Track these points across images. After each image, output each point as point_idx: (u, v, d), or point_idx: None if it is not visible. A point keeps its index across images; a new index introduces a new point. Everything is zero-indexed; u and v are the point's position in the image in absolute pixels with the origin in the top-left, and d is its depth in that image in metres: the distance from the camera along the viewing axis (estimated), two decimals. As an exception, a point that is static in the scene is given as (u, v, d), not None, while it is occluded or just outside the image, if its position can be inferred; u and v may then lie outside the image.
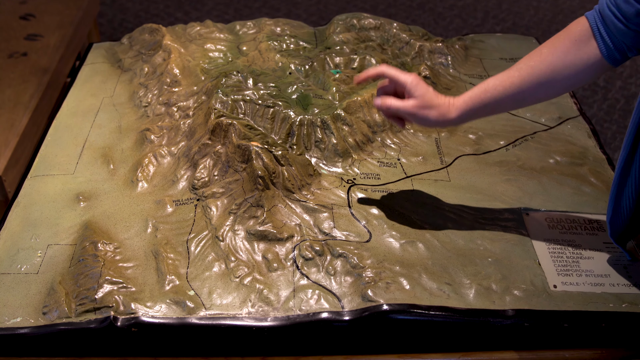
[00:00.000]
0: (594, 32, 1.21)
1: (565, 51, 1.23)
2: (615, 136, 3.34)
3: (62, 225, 1.45)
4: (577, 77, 1.25)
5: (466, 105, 1.29)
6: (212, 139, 1.56)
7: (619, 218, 1.27)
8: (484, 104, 1.28)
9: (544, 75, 1.25)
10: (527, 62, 1.27)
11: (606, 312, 1.27)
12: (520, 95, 1.27)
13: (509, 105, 1.30)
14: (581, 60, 1.23)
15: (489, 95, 1.28)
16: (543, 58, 1.25)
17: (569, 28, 1.26)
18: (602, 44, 1.20)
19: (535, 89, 1.26)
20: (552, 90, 1.27)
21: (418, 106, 1.29)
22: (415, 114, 1.30)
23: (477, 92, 1.29)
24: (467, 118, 1.30)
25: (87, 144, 1.70)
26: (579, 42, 1.23)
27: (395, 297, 1.27)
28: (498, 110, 1.31)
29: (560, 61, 1.24)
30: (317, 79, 1.80)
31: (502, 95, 1.27)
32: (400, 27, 2.10)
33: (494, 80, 1.28)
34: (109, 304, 1.25)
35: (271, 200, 1.45)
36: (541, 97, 1.29)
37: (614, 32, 1.18)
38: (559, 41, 1.25)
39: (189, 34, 2.14)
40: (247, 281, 1.31)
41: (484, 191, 1.54)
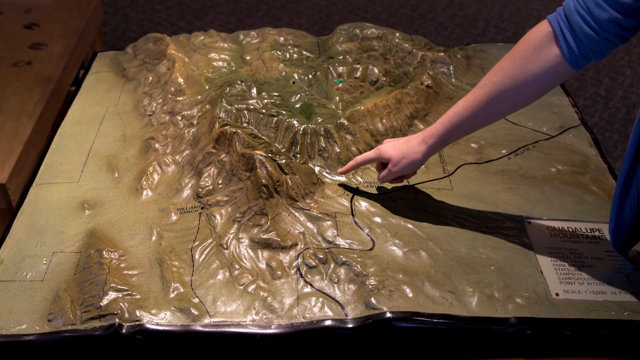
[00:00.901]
0: (557, 36, 1.21)
1: (526, 61, 1.24)
2: (616, 145, 3.35)
3: (67, 233, 1.46)
4: (540, 85, 1.26)
5: (438, 132, 1.38)
6: (216, 147, 1.57)
7: (622, 229, 1.27)
8: (457, 126, 1.35)
9: (508, 88, 1.27)
10: (490, 79, 1.29)
11: (608, 320, 1.27)
12: (489, 110, 1.31)
13: (482, 122, 1.35)
14: (543, 67, 1.23)
15: (460, 117, 1.34)
16: (505, 72, 1.27)
17: (528, 37, 1.26)
18: (566, 48, 1.20)
19: (502, 103, 1.29)
20: (519, 100, 1.30)
21: (393, 165, 1.44)
22: (396, 172, 1.45)
23: (449, 116, 1.36)
24: (442, 144, 1.40)
25: (92, 153, 1.71)
26: (539, 50, 1.23)
27: (398, 305, 1.28)
28: (472, 128, 1.37)
29: (521, 73, 1.25)
30: (321, 88, 1.81)
31: (472, 115, 1.33)
32: (402, 37, 2.11)
33: (462, 102, 1.34)
34: (114, 311, 1.26)
35: (275, 209, 1.46)
36: (512, 108, 1.32)
37: (580, 37, 1.18)
38: (518, 52, 1.26)
39: (192, 43, 2.16)
40: (251, 289, 1.32)
41: (486, 200, 1.55)
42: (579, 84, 3.84)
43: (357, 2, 4.71)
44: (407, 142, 1.43)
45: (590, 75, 3.93)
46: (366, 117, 1.70)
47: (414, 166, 1.43)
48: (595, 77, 3.91)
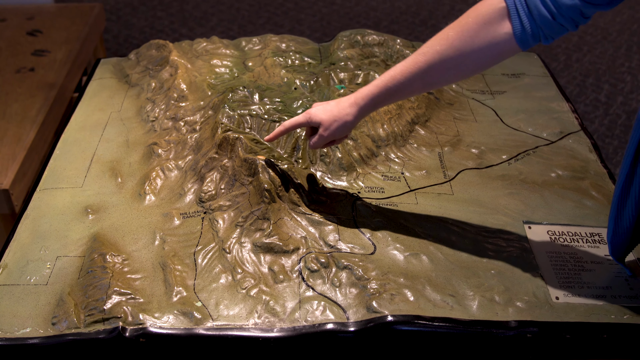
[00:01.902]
0: (511, 13, 1.18)
1: (473, 34, 1.21)
2: (616, 151, 3.35)
3: (71, 238, 1.47)
4: (485, 60, 1.23)
5: (371, 94, 1.33)
6: (219, 152, 1.58)
7: (619, 236, 1.27)
8: (392, 90, 1.30)
9: (451, 59, 1.24)
10: (434, 47, 1.25)
11: (608, 324, 1.28)
12: (428, 79, 1.27)
13: (418, 90, 1.32)
14: (490, 43, 1.20)
15: (396, 82, 1.29)
16: (450, 42, 1.23)
17: (478, 9, 1.22)
18: (519, 27, 1.18)
19: (443, 73, 1.26)
20: (460, 73, 1.27)
21: (324, 129, 1.39)
22: (328, 135, 1.39)
23: (384, 79, 1.31)
24: (373, 107, 1.35)
25: (95, 158, 1.72)
26: (488, 24, 1.20)
27: (399, 309, 1.28)
28: (407, 94, 1.32)
29: (467, 45, 1.22)
30: (322, 94, 1.82)
31: (409, 80, 1.28)
32: (403, 44, 2.13)
33: (400, 66, 1.29)
34: (117, 314, 1.27)
35: (277, 213, 1.47)
36: (450, 79, 1.29)
37: (535, 19, 1.16)
38: (467, 24, 1.22)
39: (195, 49, 2.17)
40: (254, 293, 1.33)
41: (486, 204, 1.56)
42: (580, 90, 3.86)
43: (359, 9, 4.73)
44: (337, 105, 1.38)
45: (591, 81, 3.94)
46: (367, 123, 1.71)
47: (346, 129, 1.38)
48: (595, 83, 3.92)
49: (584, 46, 4.31)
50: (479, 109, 1.93)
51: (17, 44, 2.79)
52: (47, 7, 3.14)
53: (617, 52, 4.25)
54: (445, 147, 1.75)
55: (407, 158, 1.70)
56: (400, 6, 4.77)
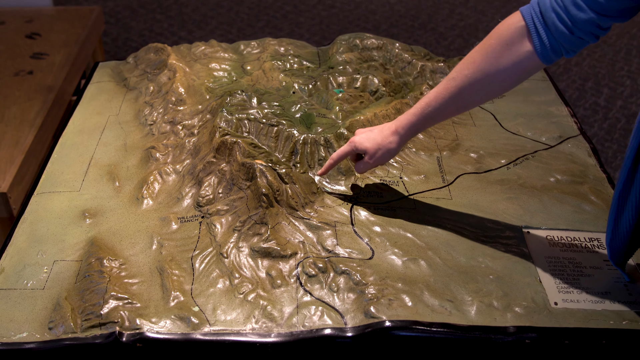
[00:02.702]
0: (530, 30, 1.21)
1: (498, 56, 1.25)
2: (615, 155, 3.35)
3: (68, 242, 1.47)
4: (512, 79, 1.28)
5: (410, 123, 1.41)
6: (216, 157, 1.58)
7: (619, 241, 1.27)
8: (428, 117, 1.39)
9: (479, 81, 1.29)
10: (462, 71, 1.31)
11: (607, 330, 1.28)
12: (460, 102, 1.34)
13: (452, 113, 1.39)
14: (514, 62, 1.24)
15: (432, 108, 1.37)
16: (476, 66, 1.28)
17: (499, 30, 1.26)
18: (539, 44, 1.21)
19: (472, 95, 1.32)
20: (490, 93, 1.32)
21: (370, 157, 1.48)
22: (374, 162, 1.48)
23: (420, 107, 1.39)
24: (414, 133, 1.44)
25: (93, 162, 1.71)
26: (510, 44, 1.24)
27: (397, 314, 1.28)
28: (443, 118, 1.41)
29: (493, 67, 1.26)
30: (321, 98, 1.82)
31: (443, 106, 1.35)
32: (402, 47, 2.12)
33: (434, 93, 1.36)
34: (114, 319, 1.26)
35: (275, 218, 1.46)
36: (482, 100, 1.35)
37: (554, 34, 1.19)
38: (490, 46, 1.26)
39: (193, 53, 2.17)
40: (251, 297, 1.32)
41: (485, 209, 1.56)
42: (579, 94, 3.86)
43: (358, 13, 4.73)
44: (380, 133, 1.46)
45: (590, 85, 3.94)
46: (366, 127, 1.70)
47: (390, 156, 1.47)
48: (595, 87, 3.92)
49: (583, 50, 4.31)
50: (478, 113, 1.93)
51: (16, 46, 2.79)
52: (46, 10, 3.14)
53: (616, 56, 4.25)
54: (444, 151, 1.75)
55: (406, 162, 1.70)
56: (399, 10, 4.77)
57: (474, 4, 4.89)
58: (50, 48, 2.79)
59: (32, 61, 2.68)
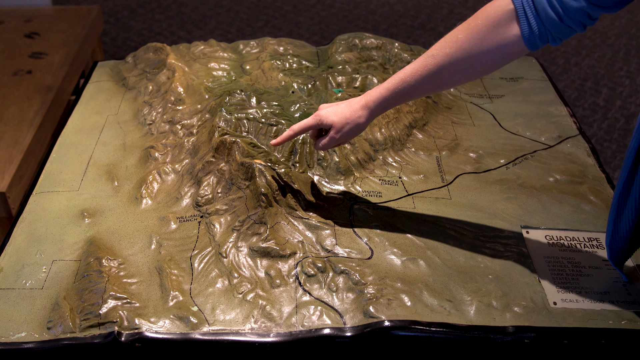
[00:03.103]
0: (519, 15, 1.19)
1: (483, 37, 1.22)
2: (615, 155, 3.35)
3: (67, 241, 1.47)
4: (495, 61, 1.25)
5: (381, 96, 1.34)
6: (215, 156, 1.58)
7: (618, 241, 1.27)
8: (401, 92, 1.32)
9: (460, 61, 1.25)
10: (443, 49, 1.27)
11: (606, 329, 1.28)
12: (437, 80, 1.29)
13: (428, 91, 1.34)
14: (499, 45, 1.22)
15: (406, 84, 1.31)
16: (459, 44, 1.25)
17: (487, 11, 1.24)
18: (527, 29, 1.19)
19: (452, 75, 1.28)
20: (469, 74, 1.28)
21: (336, 132, 1.39)
22: (340, 138, 1.40)
23: (394, 81, 1.33)
24: (384, 108, 1.37)
25: (92, 161, 1.71)
26: (497, 26, 1.21)
27: (396, 314, 1.28)
28: (416, 96, 1.35)
29: (477, 47, 1.23)
30: (320, 97, 1.82)
31: (419, 82, 1.30)
32: (401, 47, 2.12)
33: (410, 68, 1.31)
34: (113, 319, 1.26)
35: (274, 218, 1.46)
36: (460, 81, 1.31)
37: (543, 21, 1.17)
38: (476, 26, 1.24)
39: (192, 52, 2.17)
40: (250, 297, 1.32)
41: (484, 209, 1.56)
42: (578, 94, 3.86)
43: (357, 13, 4.73)
44: (349, 107, 1.38)
45: (589, 85, 3.94)
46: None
47: (358, 130, 1.39)
48: (594, 87, 3.92)
49: (582, 50, 4.31)
50: (477, 113, 1.93)
51: (15, 46, 2.79)
52: (45, 10, 3.14)
53: (615, 55, 4.25)
54: (443, 151, 1.74)
55: (405, 162, 1.70)
56: (399, 9, 4.77)
57: (473, 4, 4.89)
58: (49, 48, 2.79)
59: (31, 61, 2.68)
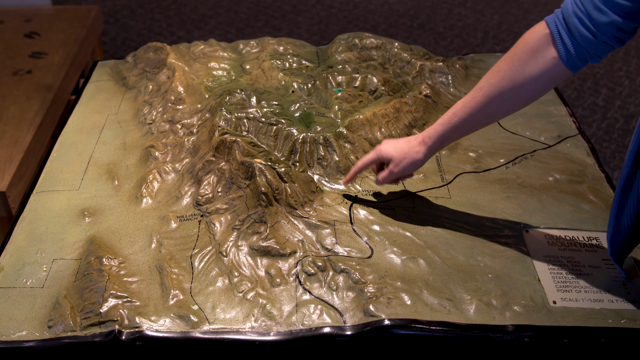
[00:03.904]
0: (555, 38, 1.21)
1: (523, 63, 1.25)
2: (614, 155, 3.36)
3: (67, 240, 1.47)
4: (538, 86, 1.27)
5: (437, 133, 1.39)
6: (216, 155, 1.58)
7: (620, 236, 1.28)
8: (456, 126, 1.37)
9: (506, 90, 1.28)
10: (489, 80, 1.30)
11: (605, 328, 1.28)
12: (487, 111, 1.32)
13: (480, 123, 1.37)
14: (540, 69, 1.24)
15: (459, 118, 1.36)
16: (502, 74, 1.28)
17: (525, 39, 1.27)
18: (564, 50, 1.21)
19: (500, 104, 1.31)
20: (517, 102, 1.31)
21: (395, 165, 1.45)
22: (398, 172, 1.46)
23: (447, 117, 1.38)
24: (441, 144, 1.41)
25: (92, 161, 1.72)
26: (536, 52, 1.24)
27: (396, 312, 1.28)
28: (471, 129, 1.38)
29: (519, 74, 1.26)
30: (320, 97, 1.82)
31: (471, 115, 1.34)
32: (401, 47, 2.13)
33: (461, 103, 1.35)
34: (113, 317, 1.27)
35: (274, 217, 1.46)
36: (509, 109, 1.33)
37: (578, 40, 1.19)
38: (516, 54, 1.27)
39: (193, 52, 2.17)
40: (250, 296, 1.33)
41: (484, 208, 1.56)
42: (577, 94, 3.86)
43: (357, 12, 4.73)
44: (407, 143, 1.44)
45: (589, 85, 3.94)
46: (365, 126, 1.71)
47: (415, 166, 1.44)
48: (593, 87, 3.93)
49: (581, 50, 4.30)
50: (477, 113, 1.93)
51: (15, 46, 2.79)
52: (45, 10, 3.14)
53: (615, 55, 4.25)
54: (443, 150, 1.75)
55: (405, 161, 1.70)
56: (399, 9, 4.77)
57: (473, 4, 4.89)
58: (49, 47, 2.79)
59: (31, 60, 2.68)
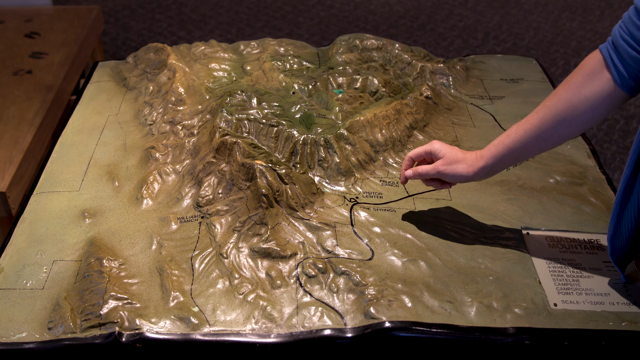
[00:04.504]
0: (607, 62, 1.23)
1: (579, 86, 1.26)
2: (614, 156, 3.36)
3: (68, 242, 1.47)
4: (595, 111, 1.27)
5: (491, 152, 1.36)
6: (216, 157, 1.58)
7: (620, 238, 1.28)
8: (509, 149, 1.34)
9: (561, 112, 1.28)
10: (545, 103, 1.31)
11: (606, 331, 1.28)
12: (542, 135, 1.31)
13: (534, 147, 1.34)
14: (595, 92, 1.25)
15: (511, 139, 1.34)
16: (559, 97, 1.29)
17: (582, 64, 1.28)
18: (616, 73, 1.22)
19: (555, 128, 1.30)
20: (572, 127, 1.30)
21: (445, 163, 1.40)
22: (444, 170, 1.40)
23: (501, 138, 1.36)
24: (495, 165, 1.37)
25: (93, 162, 1.71)
26: (591, 75, 1.25)
27: (397, 315, 1.28)
28: (524, 154, 1.36)
29: (575, 97, 1.26)
30: (321, 98, 1.82)
31: (524, 138, 1.32)
32: (402, 48, 2.12)
33: (516, 125, 1.35)
34: (113, 319, 1.26)
35: (275, 218, 1.46)
36: (564, 135, 1.32)
37: (627, 61, 1.20)
38: (572, 78, 1.28)
39: (193, 53, 2.17)
40: (251, 298, 1.32)
41: (484, 210, 1.56)
42: (578, 95, 3.85)
43: (357, 13, 4.73)
44: (463, 153, 1.40)
45: (589, 86, 3.94)
46: (366, 128, 1.70)
47: (462, 177, 1.39)
48: (593, 88, 3.92)
49: (582, 51, 4.31)
50: (478, 114, 1.93)
51: (15, 46, 2.79)
52: (45, 10, 3.14)
53: (615, 57, 4.24)
54: (444, 152, 1.74)
55: (406, 163, 1.70)
56: (399, 10, 4.77)
57: (473, 4, 4.89)
58: (49, 47, 2.78)
59: (31, 60, 2.68)
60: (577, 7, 4.88)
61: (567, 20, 4.69)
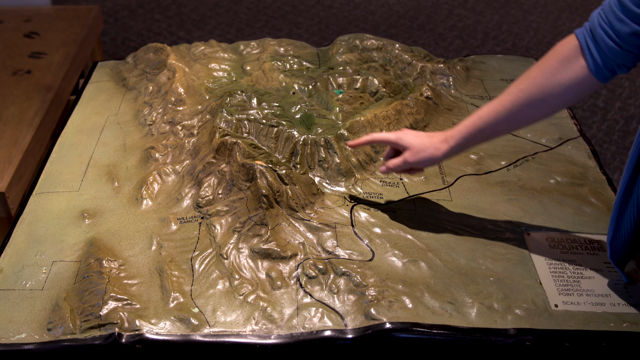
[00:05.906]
0: (583, 49, 1.23)
1: (554, 71, 1.26)
2: (614, 157, 3.35)
3: (67, 242, 1.46)
4: (567, 95, 1.27)
5: (460, 133, 1.37)
6: (216, 157, 1.57)
7: (620, 240, 1.28)
8: (480, 130, 1.35)
9: (534, 96, 1.28)
10: (518, 86, 1.31)
11: (607, 332, 1.28)
12: (513, 117, 1.32)
13: (504, 128, 1.35)
14: (569, 78, 1.25)
15: (483, 121, 1.34)
16: (532, 80, 1.29)
17: (557, 48, 1.28)
18: (591, 61, 1.22)
19: (527, 110, 1.30)
20: (544, 109, 1.30)
21: (411, 154, 1.42)
22: (412, 162, 1.42)
23: (472, 119, 1.36)
24: (462, 146, 1.38)
25: (92, 162, 1.71)
26: (566, 61, 1.25)
27: (398, 316, 1.28)
28: (494, 134, 1.36)
29: (548, 81, 1.26)
30: (321, 99, 1.82)
31: (496, 120, 1.33)
32: (402, 48, 2.12)
33: (487, 107, 1.34)
34: (113, 320, 1.26)
35: (275, 219, 1.46)
36: (535, 117, 1.32)
37: (604, 50, 1.20)
38: (547, 62, 1.28)
39: (193, 53, 2.17)
40: (251, 299, 1.32)
41: (485, 211, 1.55)
42: (577, 95, 3.85)
43: (357, 13, 4.73)
44: (429, 137, 1.42)
45: (589, 87, 3.94)
46: (366, 128, 1.70)
47: (431, 162, 1.41)
48: (593, 88, 3.92)
49: (581, 51, 4.30)
50: (478, 115, 1.93)
51: (14, 46, 2.78)
52: (45, 9, 3.14)
53: (614, 57, 4.25)
54: (444, 152, 1.74)
55: (406, 163, 1.69)
56: (399, 10, 4.77)
57: (473, 4, 4.89)
58: (48, 47, 2.78)
59: (30, 60, 2.68)
60: (577, 7, 4.89)
61: (567, 21, 4.69)
